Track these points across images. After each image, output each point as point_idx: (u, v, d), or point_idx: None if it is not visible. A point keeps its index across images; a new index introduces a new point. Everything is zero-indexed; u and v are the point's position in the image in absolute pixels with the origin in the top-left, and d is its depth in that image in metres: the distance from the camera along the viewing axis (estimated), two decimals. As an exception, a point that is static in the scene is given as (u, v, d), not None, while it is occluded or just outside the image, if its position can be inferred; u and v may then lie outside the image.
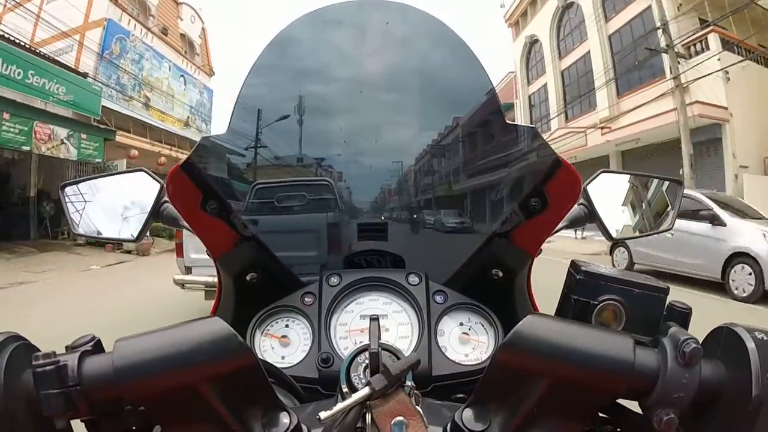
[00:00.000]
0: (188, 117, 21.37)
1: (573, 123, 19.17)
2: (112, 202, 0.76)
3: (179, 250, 4.89)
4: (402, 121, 0.70)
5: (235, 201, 0.65)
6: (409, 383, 0.39)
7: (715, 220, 6.79)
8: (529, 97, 25.05)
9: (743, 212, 7.28)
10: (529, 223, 0.65)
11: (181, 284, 4.81)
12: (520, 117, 24.71)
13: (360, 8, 0.69)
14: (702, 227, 6.89)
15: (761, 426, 0.33)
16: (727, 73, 12.71)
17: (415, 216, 0.71)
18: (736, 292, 6.42)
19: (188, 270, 4.85)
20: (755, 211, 7.46)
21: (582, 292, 0.49)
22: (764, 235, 6.22)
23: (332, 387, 0.50)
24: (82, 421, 0.37)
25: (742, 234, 6.51)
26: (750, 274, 6.24)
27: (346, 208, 0.70)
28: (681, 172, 11.97)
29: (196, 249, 4.70)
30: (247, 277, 0.67)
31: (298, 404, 0.52)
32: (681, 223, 6.54)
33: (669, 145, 13.81)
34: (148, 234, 0.75)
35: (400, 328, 0.63)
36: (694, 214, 6.91)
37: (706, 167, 13.29)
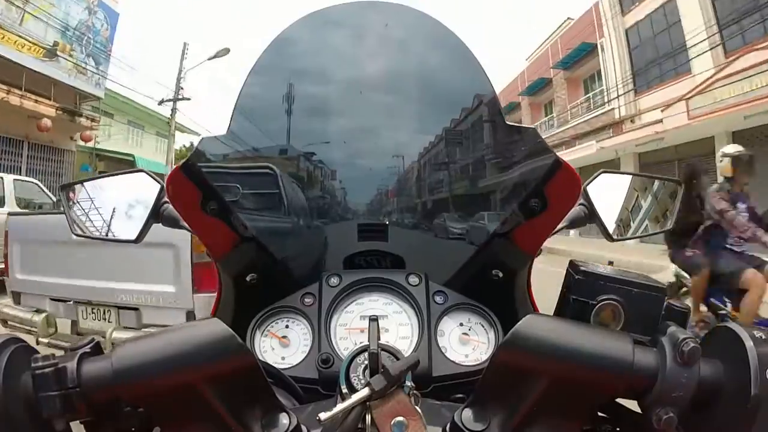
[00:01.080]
0: (58, 42, 11.80)
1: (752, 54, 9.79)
2: (113, 203, 0.76)
3: (6, 267, 3.13)
4: (402, 123, 0.70)
5: (236, 201, 0.65)
6: (408, 384, 0.39)
7: None
8: (626, 32, 15.37)
9: None
10: (529, 224, 0.65)
11: (3, 321, 3.08)
12: (613, 61, 15.39)
13: (360, 10, 0.69)
14: None
15: (760, 424, 0.33)
16: None
17: (415, 216, 0.71)
18: None
19: (16, 297, 3.11)
20: None
21: (581, 292, 0.49)
22: None
23: (332, 388, 0.50)
24: (81, 422, 0.37)
25: None
26: None
27: (347, 209, 0.70)
28: None
29: (25, 266, 3.04)
30: (247, 278, 0.68)
31: (297, 405, 0.53)
32: None
33: None
34: None
35: (400, 329, 0.63)
36: None
37: None
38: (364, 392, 0.37)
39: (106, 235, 0.77)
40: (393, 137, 0.70)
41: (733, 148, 3.43)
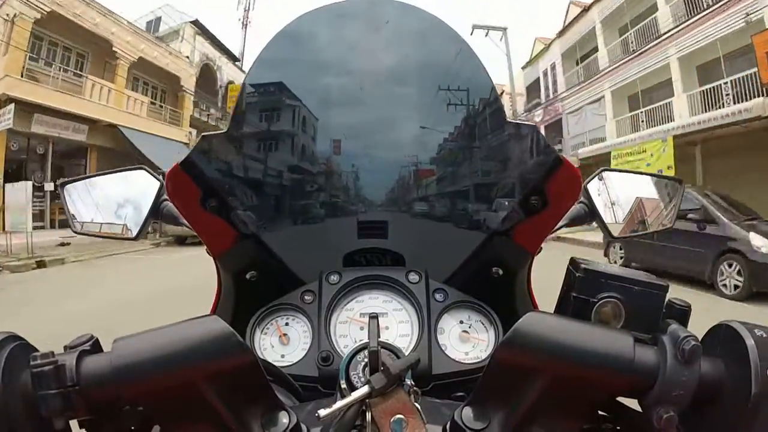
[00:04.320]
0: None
1: None
2: (112, 200, 0.76)
3: None
4: (402, 119, 0.70)
5: (235, 199, 0.65)
6: (408, 382, 0.39)
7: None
8: None
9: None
10: (530, 222, 0.65)
11: None
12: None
13: (361, 6, 0.69)
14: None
15: (761, 423, 0.33)
16: None
17: (415, 214, 0.71)
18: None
19: None
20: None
21: (581, 290, 0.48)
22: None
23: (332, 386, 0.50)
24: (80, 421, 0.37)
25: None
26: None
27: (346, 206, 0.70)
28: None
29: None
30: (247, 276, 0.67)
31: (297, 403, 0.52)
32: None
33: None
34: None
35: (400, 326, 0.63)
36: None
37: None
38: (364, 390, 0.37)
39: (102, 232, 0.76)
40: (393, 134, 0.69)
41: None
